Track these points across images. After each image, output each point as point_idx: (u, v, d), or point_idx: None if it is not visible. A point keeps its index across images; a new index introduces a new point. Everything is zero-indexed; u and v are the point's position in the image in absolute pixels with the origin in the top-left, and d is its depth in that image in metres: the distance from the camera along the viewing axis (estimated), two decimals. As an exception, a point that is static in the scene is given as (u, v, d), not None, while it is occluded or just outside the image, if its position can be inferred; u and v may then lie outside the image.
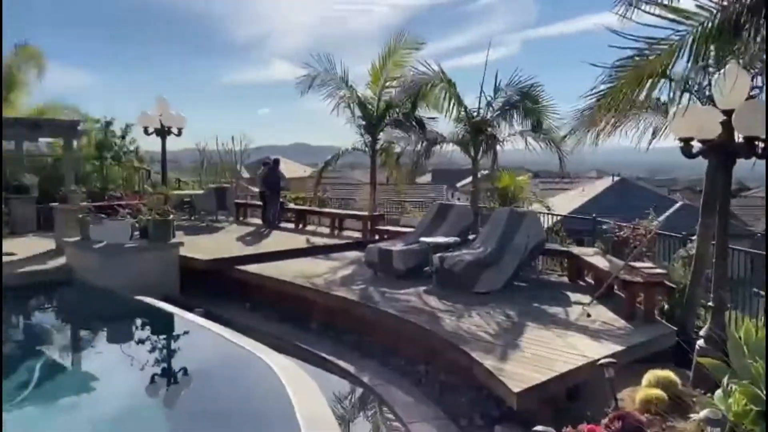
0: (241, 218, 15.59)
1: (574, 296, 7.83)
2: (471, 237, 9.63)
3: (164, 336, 7.86)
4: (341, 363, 6.75)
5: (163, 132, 13.92)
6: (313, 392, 5.03)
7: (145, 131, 14.03)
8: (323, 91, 12.89)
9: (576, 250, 9.21)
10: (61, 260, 10.13)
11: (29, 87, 17.99)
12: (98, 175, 16.45)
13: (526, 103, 10.29)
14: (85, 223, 9.98)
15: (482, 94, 10.72)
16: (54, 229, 11.70)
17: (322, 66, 12.75)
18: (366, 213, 13.00)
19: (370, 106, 12.94)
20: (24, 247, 11.23)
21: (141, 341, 7.81)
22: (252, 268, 9.42)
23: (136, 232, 9.99)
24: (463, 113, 10.73)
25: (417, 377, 6.30)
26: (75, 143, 13.67)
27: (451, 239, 9.13)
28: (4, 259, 10.22)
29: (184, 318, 7.62)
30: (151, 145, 17.61)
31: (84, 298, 9.30)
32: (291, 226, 14.15)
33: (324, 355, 6.97)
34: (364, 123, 13.08)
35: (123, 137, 17.33)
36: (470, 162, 11.26)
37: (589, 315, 6.80)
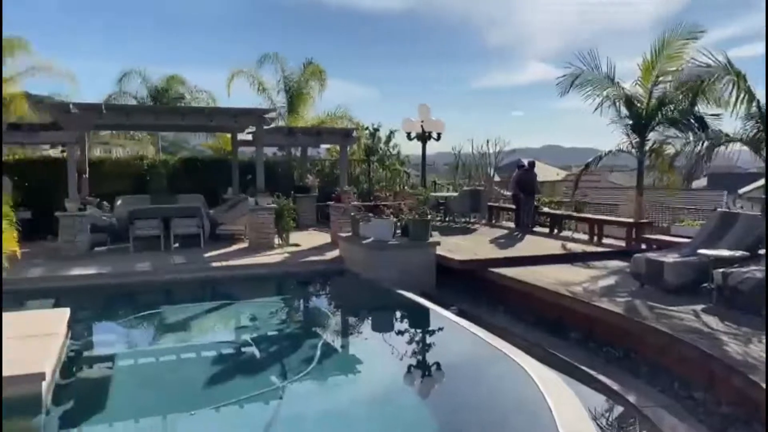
0: (493, 221, 15.66)
1: None
2: (762, 252, 8.22)
3: (421, 329, 8.19)
4: (602, 378, 6.26)
5: (424, 137, 14.68)
6: (575, 405, 4.74)
7: (408, 136, 14.94)
8: (585, 90, 12.25)
9: None
10: (335, 252, 11.32)
11: (313, 100, 20.50)
12: (365, 177, 18.03)
13: None
14: (356, 221, 10.98)
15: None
16: (330, 224, 13.15)
17: (585, 64, 12.13)
18: (630, 219, 12.02)
19: (638, 104, 11.94)
20: (306, 239, 12.83)
21: (400, 332, 8.25)
22: (505, 271, 9.34)
23: (398, 231, 10.67)
24: (755, 108, 9.24)
25: (693, 404, 5.55)
26: (348, 149, 15.15)
27: (737, 253, 7.90)
28: (292, 249, 11.81)
29: (440, 314, 7.87)
30: (410, 149, 18.74)
31: (353, 288, 10.23)
32: (545, 230, 13.75)
33: (583, 367, 6.56)
34: (631, 122, 12.12)
35: (387, 142, 18.75)
36: (759, 165, 9.66)
37: None
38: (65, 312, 6.87)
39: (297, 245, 12.14)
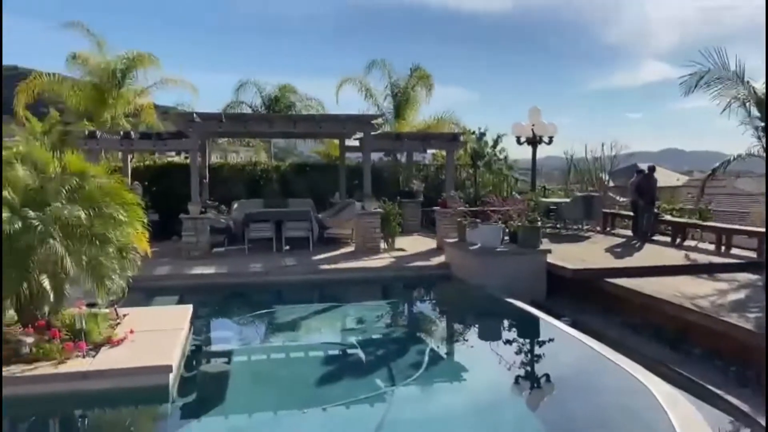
0: (608, 228, 14.92)
1: None
2: None
3: (531, 339, 7.94)
4: (730, 398, 5.77)
5: (534, 141, 14.29)
6: (701, 426, 4.39)
7: (518, 140, 14.60)
8: (712, 90, 11.36)
9: None
10: (441, 258, 11.26)
11: (419, 105, 20.54)
12: (471, 182, 17.83)
13: None
14: (462, 227, 10.86)
15: None
16: (435, 229, 13.11)
17: (712, 62, 11.25)
18: (762, 229, 11.00)
19: (773, 104, 10.90)
20: (412, 244, 12.88)
21: (509, 341, 8.04)
22: (622, 281, 8.85)
23: (506, 237, 10.43)
24: None
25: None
26: (455, 153, 15.04)
27: None
28: (398, 253, 11.89)
29: (551, 324, 7.58)
30: (517, 153, 18.31)
31: (459, 294, 10.12)
32: (666, 239, 12.91)
33: (709, 386, 6.07)
34: (762, 124, 11.10)
35: (494, 146, 18.44)
36: None
37: None
38: (188, 309, 7.32)
39: (402, 250, 12.22)
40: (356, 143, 14.85)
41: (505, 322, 8.75)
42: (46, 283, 5.15)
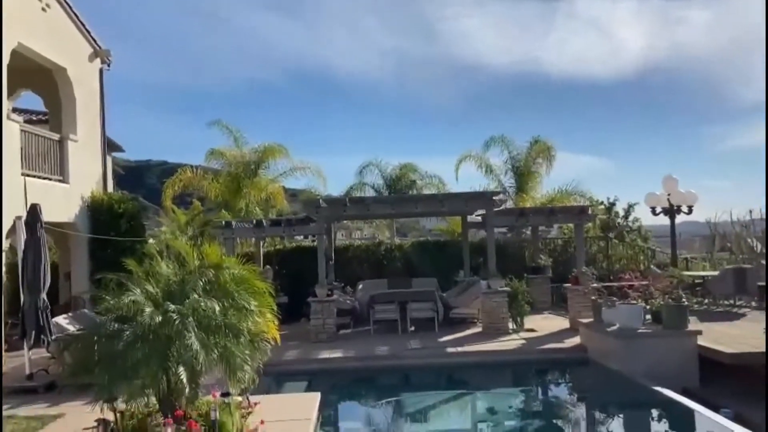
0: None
1: None
2: None
3: (685, 435, 7.04)
4: None
5: (671, 211, 13.30)
6: None
7: (653, 211, 13.66)
8: None
9: None
10: (575, 340, 10.51)
11: (541, 178, 20.08)
12: (603, 256, 16.83)
13: None
14: (597, 306, 10.14)
15: None
16: (567, 307, 12.37)
17: None
18: None
19: None
20: (542, 324, 12.21)
21: (660, 437, 7.20)
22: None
23: (648, 317, 9.56)
24: None
25: None
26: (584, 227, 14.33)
27: None
28: (528, 335, 11.29)
29: (708, 418, 6.68)
30: (653, 220, 17.04)
31: (598, 380, 9.32)
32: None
33: None
34: None
35: (626, 217, 17.41)
36: None
37: None
38: (316, 397, 7.28)
39: (533, 330, 11.59)
40: (479, 219, 14.65)
41: (654, 413, 7.88)
42: (183, 376, 5.32)
